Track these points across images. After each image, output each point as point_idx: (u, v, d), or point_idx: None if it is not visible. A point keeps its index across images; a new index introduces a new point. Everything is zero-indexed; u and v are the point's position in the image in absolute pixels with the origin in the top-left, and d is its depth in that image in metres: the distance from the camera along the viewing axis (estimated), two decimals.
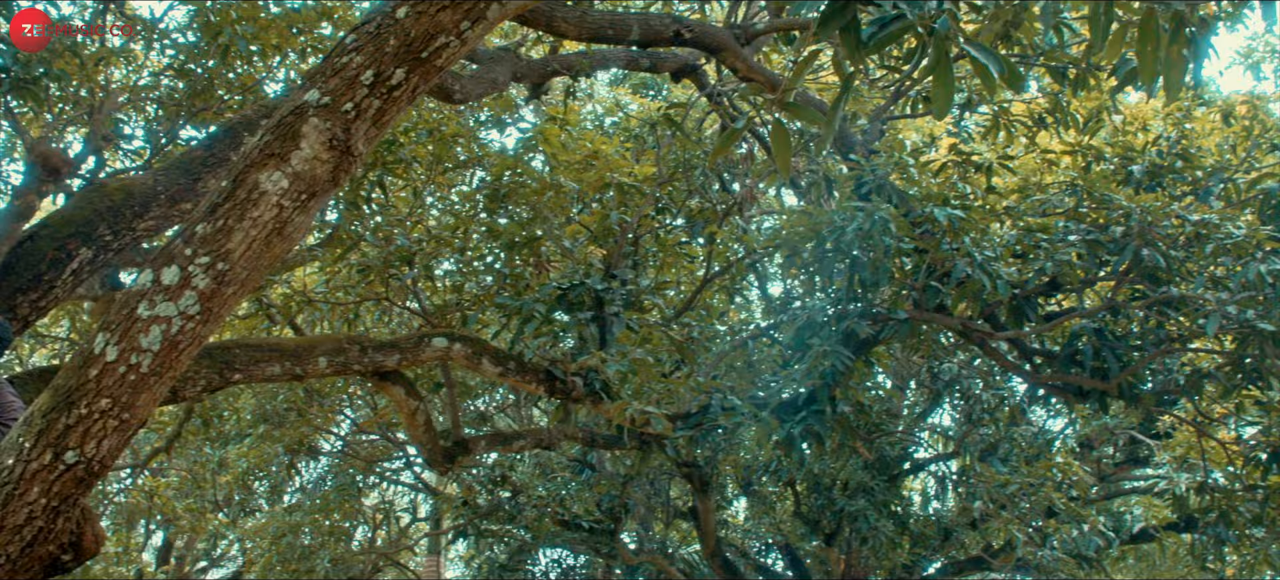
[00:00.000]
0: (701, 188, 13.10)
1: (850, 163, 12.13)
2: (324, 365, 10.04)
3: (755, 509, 20.81)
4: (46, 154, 9.28)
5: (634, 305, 11.29)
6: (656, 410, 10.41)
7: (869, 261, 10.59)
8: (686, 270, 14.22)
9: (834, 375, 10.89)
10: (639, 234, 12.31)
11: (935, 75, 5.30)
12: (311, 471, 22.36)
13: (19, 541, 5.73)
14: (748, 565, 20.96)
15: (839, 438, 12.53)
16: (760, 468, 17.84)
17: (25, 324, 8.80)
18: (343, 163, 5.51)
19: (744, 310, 18.80)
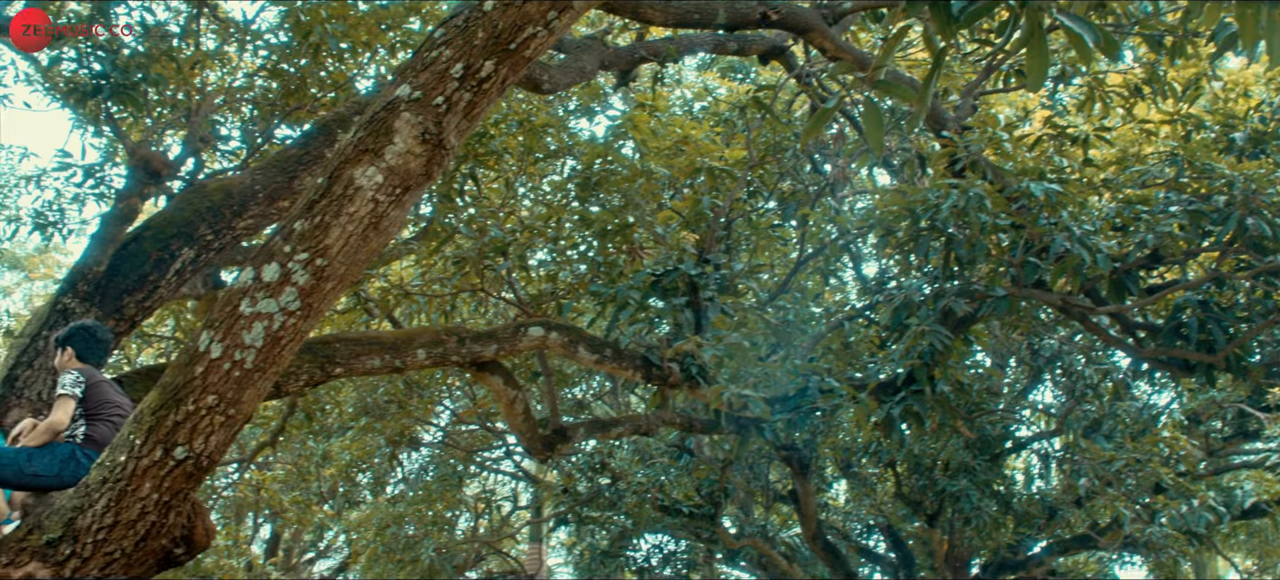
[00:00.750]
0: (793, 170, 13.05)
1: (943, 140, 11.98)
2: (423, 357, 10.15)
3: (855, 491, 20.68)
4: (147, 157, 9.46)
5: (728, 289, 11.27)
6: (754, 394, 10.39)
7: (965, 239, 10.47)
8: (780, 253, 14.19)
9: (932, 354, 10.78)
10: (731, 218, 12.29)
11: (1028, 47, 5.22)
12: (413, 462, 22.61)
13: (133, 536, 5.86)
14: (849, 548, 20.86)
15: (939, 417, 12.40)
16: (859, 449, 17.73)
17: (132, 324, 9.00)
18: (435, 156, 5.56)
19: (839, 291, 18.68)
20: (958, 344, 11.55)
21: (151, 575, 6.37)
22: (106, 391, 6.91)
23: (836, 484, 22.04)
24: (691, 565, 22.89)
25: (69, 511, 5.90)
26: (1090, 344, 15.91)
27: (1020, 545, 18.65)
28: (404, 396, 17.39)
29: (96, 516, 5.80)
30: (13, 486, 6.75)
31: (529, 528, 25.71)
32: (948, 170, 11.46)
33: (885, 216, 11.27)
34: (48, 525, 5.97)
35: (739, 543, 19.29)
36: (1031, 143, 12.64)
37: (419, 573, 18.33)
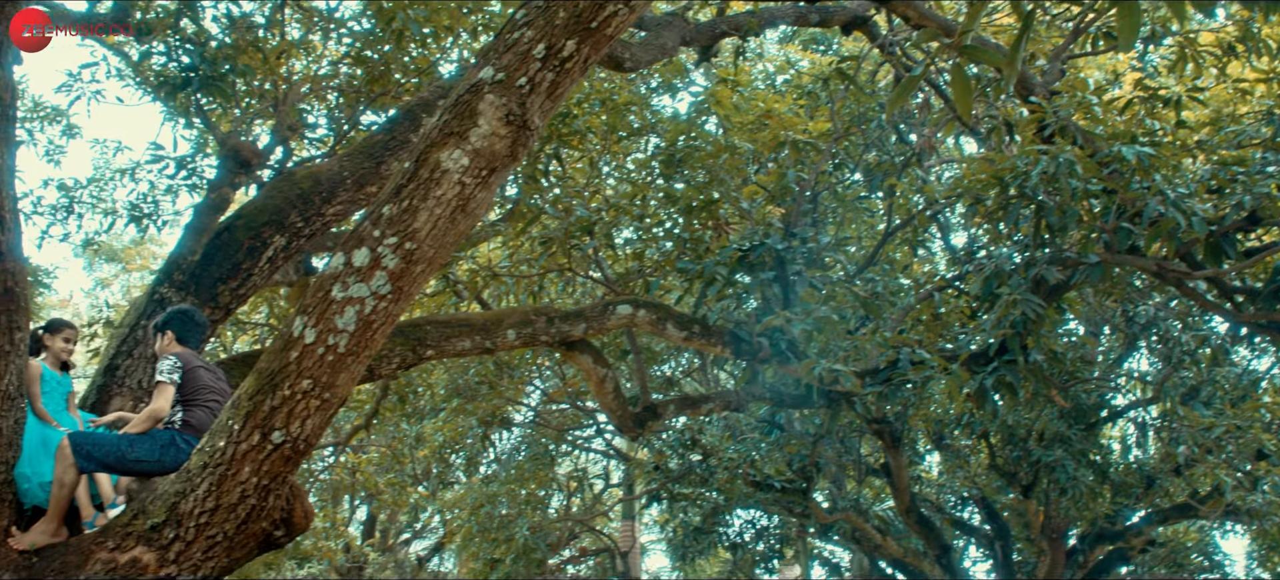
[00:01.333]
0: (878, 141, 12.95)
1: (1031, 105, 11.81)
2: (512, 337, 10.22)
3: (948, 463, 20.50)
4: (237, 147, 9.60)
5: (816, 263, 11.21)
6: (844, 367, 10.34)
7: (1056, 205, 10.31)
8: (867, 225, 14.08)
9: (1025, 323, 10.64)
10: (817, 191, 12.22)
11: (1119, 8, 5.13)
12: (505, 443, 22.80)
13: (234, 519, 5.97)
14: (943, 520, 20.70)
15: (1032, 387, 12.26)
16: (952, 421, 17.57)
17: (227, 311, 9.15)
18: (520, 137, 5.59)
19: (928, 262, 18.51)
20: (1050, 312, 11.39)
21: (252, 557, 6.49)
22: (202, 377, 7.03)
23: (929, 456, 21.87)
24: (784, 540, 22.85)
25: (172, 496, 6.03)
26: (1187, 309, 15.60)
27: (1118, 515, 18.39)
28: (495, 377, 17.52)
29: (198, 501, 5.91)
30: (116, 472, 6.90)
31: (621, 505, 25.80)
32: (1036, 136, 11.28)
33: (973, 185, 11.13)
34: (151, 510, 6.09)
35: (831, 517, 19.21)
36: (1122, 106, 12.41)
37: (513, 551, 18.48)
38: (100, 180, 15.52)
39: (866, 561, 22.01)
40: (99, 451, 6.62)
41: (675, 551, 23.95)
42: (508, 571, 18.65)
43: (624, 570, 24.16)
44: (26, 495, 6.89)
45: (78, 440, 6.63)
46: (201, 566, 6.15)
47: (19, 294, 6.56)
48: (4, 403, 6.59)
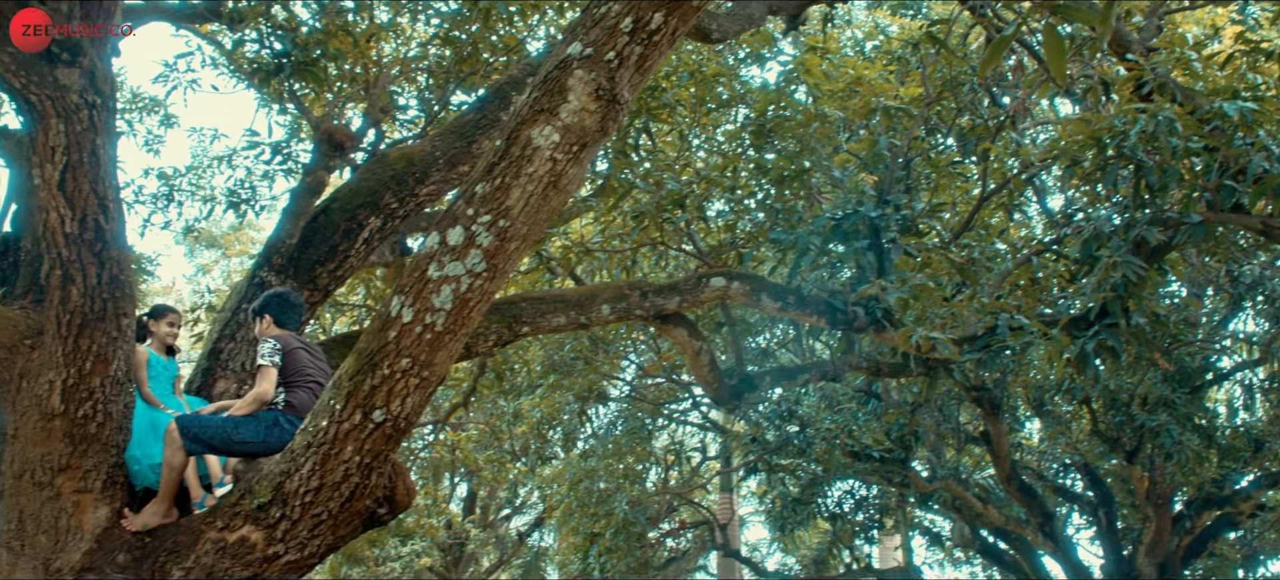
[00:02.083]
0: (971, 104, 12.77)
1: (1128, 63, 11.57)
2: (607, 312, 10.25)
3: (1049, 430, 20.23)
4: (331, 131, 9.70)
5: (910, 230, 11.11)
6: (942, 335, 10.24)
7: (1155, 164, 10.11)
8: (961, 190, 13.91)
9: (1125, 286, 10.45)
10: (910, 157, 12.10)
11: None
12: (602, 417, 22.88)
13: (338, 497, 6.06)
14: (1045, 487, 20.44)
15: (1135, 351, 12.06)
16: (1052, 387, 17.34)
17: (326, 294, 9.27)
18: (610, 111, 5.59)
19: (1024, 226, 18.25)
20: (1152, 274, 11.17)
21: (357, 535, 6.59)
22: (302, 358, 7.15)
23: (1029, 423, 21.59)
24: (884, 510, 22.73)
25: (277, 476, 6.13)
26: None
27: (1225, 479, 18.03)
28: (590, 353, 17.60)
29: (303, 480, 6.01)
30: (223, 453, 7.04)
31: (718, 478, 25.80)
32: (1134, 95, 11.07)
33: (1070, 146, 10.95)
34: (258, 489, 6.21)
35: (931, 486, 19.06)
36: (1223, 60, 12.13)
37: (613, 526, 18.57)
38: (198, 168, 15.80)
39: (967, 530, 21.81)
40: (206, 434, 6.76)
41: (774, 523, 23.90)
42: (607, 545, 18.75)
43: (723, 542, 24.18)
44: (137, 477, 7.06)
45: (185, 423, 6.77)
46: (308, 544, 6.26)
47: (124, 281, 6.71)
48: (113, 388, 6.75)
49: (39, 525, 6.64)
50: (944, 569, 27.50)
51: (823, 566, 26.70)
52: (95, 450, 6.71)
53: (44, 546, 6.62)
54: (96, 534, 6.67)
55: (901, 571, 24.92)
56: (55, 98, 6.23)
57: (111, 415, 6.77)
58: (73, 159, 6.30)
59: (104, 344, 6.61)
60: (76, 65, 6.25)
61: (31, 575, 6.55)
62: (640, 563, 19.86)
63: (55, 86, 6.22)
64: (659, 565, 22.87)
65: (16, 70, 6.18)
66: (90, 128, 6.34)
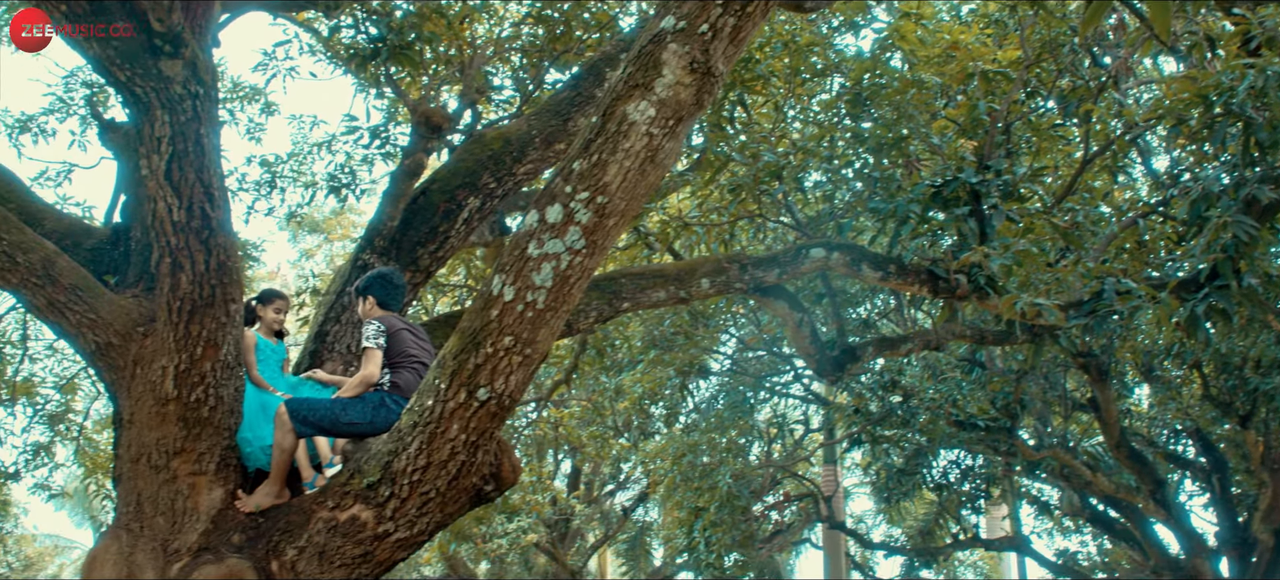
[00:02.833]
0: (1071, 65, 12.54)
1: (1234, 17, 11.29)
2: (706, 286, 10.24)
3: (1159, 395, 19.85)
4: (428, 113, 9.78)
5: (1012, 195, 10.94)
6: (1047, 301, 10.10)
7: (1265, 121, 9.85)
8: (1063, 153, 13.68)
9: (1237, 247, 10.21)
10: (1010, 121, 11.92)
11: None
12: (703, 392, 22.90)
13: (445, 475, 6.13)
14: (1156, 454, 20.09)
15: (1247, 312, 11.77)
16: (1161, 352, 17.03)
17: (427, 275, 9.37)
18: (705, 84, 5.58)
19: (1129, 188, 17.91)
20: (1264, 233, 10.91)
21: (464, 512, 6.67)
22: (406, 339, 7.23)
23: (1138, 389, 21.22)
24: (990, 480, 22.50)
25: (385, 455, 6.22)
26: None
27: None
28: (690, 327, 17.61)
29: (410, 459, 6.09)
30: (331, 434, 7.16)
31: (822, 450, 25.70)
32: (1241, 50, 10.79)
33: (1175, 105, 10.71)
34: (367, 469, 6.30)
35: (1039, 455, 18.82)
36: None
37: (717, 500, 18.58)
38: (299, 154, 16.03)
39: (1077, 499, 21.53)
40: (314, 416, 6.87)
41: (879, 494, 23.79)
42: (712, 519, 18.77)
43: (827, 515, 24.09)
44: (249, 459, 7.20)
45: (294, 406, 6.89)
46: (416, 522, 6.35)
47: (231, 267, 6.83)
48: (224, 372, 6.89)
49: (156, 507, 6.81)
50: (1053, 538, 27.17)
51: (929, 537, 26.56)
52: (208, 433, 6.86)
53: (162, 528, 6.78)
54: (212, 515, 6.82)
55: (1009, 541, 24.67)
56: (159, 89, 6.35)
57: (222, 399, 6.91)
58: (178, 149, 6.43)
59: (213, 329, 6.75)
60: (179, 56, 6.36)
61: (150, 556, 6.72)
62: (745, 536, 19.86)
63: (159, 78, 6.34)
64: (763, 538, 22.86)
65: (122, 64, 6.31)
66: (194, 117, 6.46)
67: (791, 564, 31.73)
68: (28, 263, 7.09)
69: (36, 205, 8.81)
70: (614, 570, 34.92)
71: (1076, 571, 24.49)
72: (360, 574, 6.51)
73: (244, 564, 6.49)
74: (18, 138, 14.10)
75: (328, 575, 6.44)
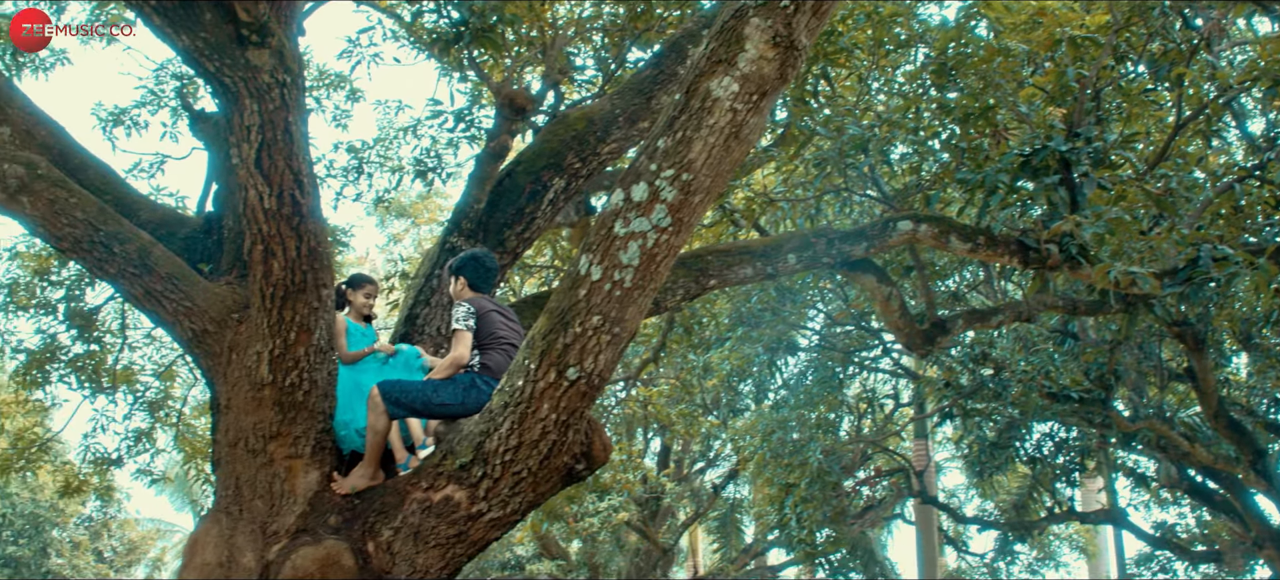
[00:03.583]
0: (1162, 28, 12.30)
1: None
2: (793, 261, 10.20)
3: (1258, 364, 19.46)
4: (511, 95, 9.82)
5: (1103, 163, 10.77)
6: (1141, 269, 9.94)
7: None
8: (1155, 118, 13.44)
9: None
10: (1099, 87, 11.72)
11: None
12: (791, 368, 22.82)
13: (537, 455, 6.17)
14: (1255, 424, 19.70)
15: None
16: (1260, 319, 16.68)
17: (514, 256, 9.43)
18: (788, 58, 5.55)
19: (1224, 152, 17.56)
20: None
21: (556, 491, 6.71)
22: (495, 320, 7.28)
23: (1236, 357, 20.82)
24: (1085, 452, 22.22)
25: (477, 436, 6.27)
26: None
27: None
28: (777, 303, 17.55)
29: (502, 439, 6.13)
30: (423, 416, 7.23)
31: (912, 424, 25.53)
32: None
33: (1271, 67, 10.49)
34: (459, 450, 6.35)
35: (1134, 426, 18.53)
36: None
37: (807, 476, 18.53)
38: (385, 140, 16.17)
39: (1174, 470, 21.18)
40: (406, 398, 6.95)
41: (971, 468, 23.59)
42: (802, 495, 18.72)
43: (919, 489, 23.94)
44: (344, 442, 7.30)
45: (386, 388, 6.97)
46: (509, 501, 6.39)
47: (322, 253, 6.92)
48: (317, 356, 6.99)
49: (254, 491, 6.92)
50: (1151, 511, 26.78)
51: (1023, 511, 26.30)
52: (303, 417, 6.97)
53: (260, 511, 6.90)
54: (308, 497, 6.92)
55: (1106, 514, 24.37)
56: (247, 79, 6.44)
57: (316, 383, 7.01)
58: (267, 137, 6.51)
59: (306, 314, 6.85)
60: (265, 46, 6.44)
61: (250, 538, 6.83)
62: (836, 512, 19.80)
63: (247, 68, 6.42)
64: (855, 514, 22.78)
65: (210, 55, 6.40)
66: (282, 106, 6.54)
67: (884, 539, 31.56)
68: (125, 253, 7.25)
69: (132, 197, 8.99)
70: (705, 547, 34.97)
71: (1175, 544, 24.15)
72: (455, 554, 6.57)
73: (341, 545, 6.58)
74: (111, 131, 14.37)
75: (423, 555, 6.51)
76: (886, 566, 28.03)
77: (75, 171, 8.25)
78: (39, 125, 8.71)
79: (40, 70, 12.82)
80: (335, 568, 6.49)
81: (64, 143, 8.75)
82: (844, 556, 24.72)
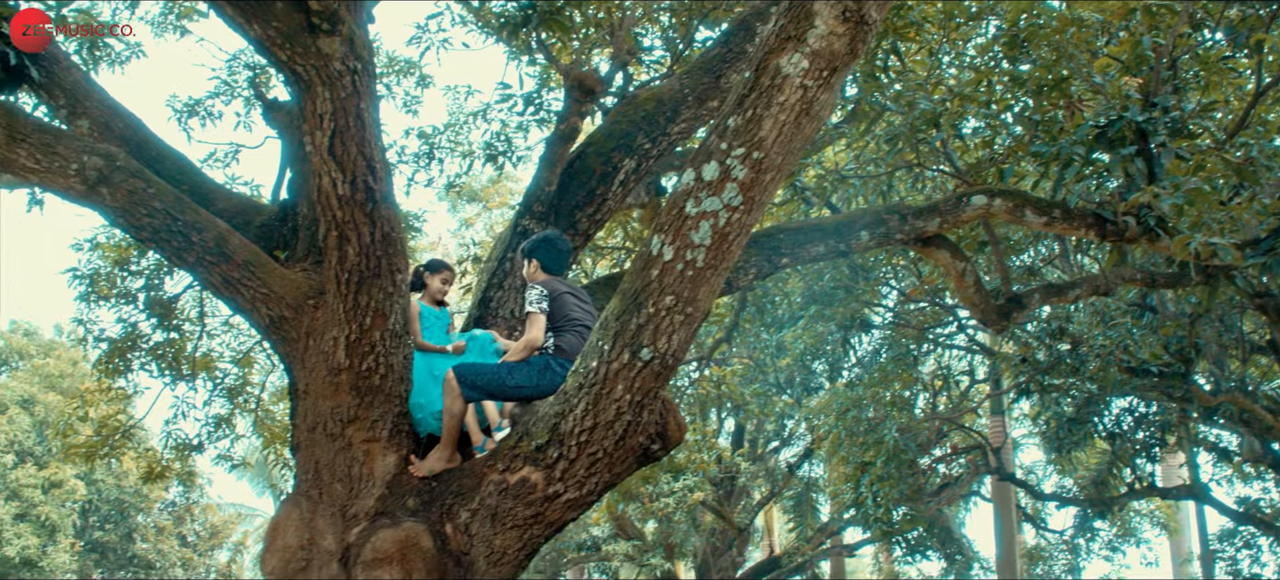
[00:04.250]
0: None
1: None
2: (866, 238, 10.14)
3: None
4: (580, 77, 9.82)
5: (1181, 132, 10.60)
6: (1222, 240, 9.78)
7: None
8: (1234, 86, 13.21)
9: None
10: (1176, 56, 11.54)
11: None
12: (865, 345, 22.69)
13: (612, 435, 6.19)
14: None
15: None
16: None
17: (586, 238, 9.44)
18: (858, 33, 5.51)
19: None
20: None
21: (632, 471, 6.73)
22: (569, 303, 7.30)
23: None
24: (1165, 427, 21.92)
25: (552, 417, 6.30)
26: None
27: None
28: (850, 281, 17.46)
29: (577, 420, 6.16)
30: (499, 398, 7.28)
31: (989, 401, 25.31)
32: None
33: None
34: (535, 432, 6.39)
35: (1215, 400, 18.25)
36: None
37: (883, 454, 18.43)
38: (455, 125, 16.24)
39: (1258, 445, 20.83)
40: (481, 380, 6.99)
41: (1049, 445, 23.35)
42: (878, 474, 18.63)
43: (997, 466, 23.73)
44: (421, 425, 7.37)
45: (462, 371, 7.02)
46: (585, 482, 6.42)
47: (395, 238, 6.99)
48: (392, 340, 7.06)
49: (334, 474, 7.01)
50: (1234, 486, 26.38)
51: (1103, 487, 25.99)
52: (380, 401, 7.04)
53: (340, 494, 6.98)
54: (386, 480, 7.00)
55: (1187, 490, 24.04)
56: (319, 67, 6.50)
57: (393, 367, 7.08)
58: (340, 124, 6.57)
59: (381, 299, 6.92)
60: (336, 34, 6.50)
61: (330, 521, 6.92)
62: (912, 490, 19.69)
63: (318, 56, 6.48)
64: (931, 492, 22.63)
65: (282, 44, 6.47)
66: (353, 93, 6.59)
67: (961, 517, 31.34)
68: (203, 242, 7.35)
69: (208, 186, 9.12)
70: (780, 527, 34.91)
71: (1259, 519, 23.77)
72: (532, 535, 6.62)
73: (419, 528, 6.64)
74: (186, 122, 14.55)
75: (500, 537, 6.56)
76: (964, 544, 27.82)
77: (152, 163, 8.37)
78: (116, 118, 8.85)
79: (116, 64, 12.98)
80: (414, 549, 6.55)
81: (141, 135, 8.89)
82: (921, 535, 24.56)
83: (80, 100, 8.74)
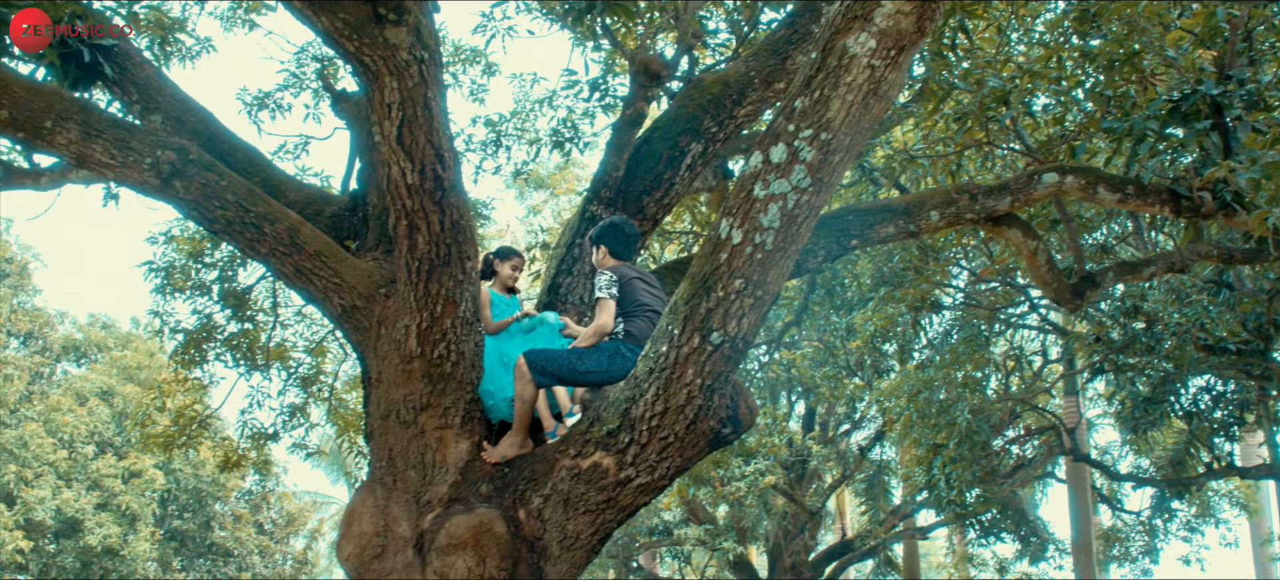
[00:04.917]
0: None
1: None
2: (936, 219, 10.06)
3: None
4: (646, 62, 9.81)
5: (1258, 105, 10.41)
6: None
7: None
8: None
9: None
10: (1251, 27, 11.34)
11: None
12: (936, 327, 22.54)
13: (683, 420, 6.19)
14: None
15: None
16: None
17: (654, 223, 9.44)
18: (926, 11, 5.46)
19: None
20: None
21: (703, 456, 6.73)
22: (638, 288, 7.32)
23: None
24: (1244, 405, 21.58)
25: (623, 402, 6.31)
26: None
27: None
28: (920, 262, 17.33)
29: (648, 405, 6.17)
30: (569, 384, 7.31)
31: (1062, 381, 25.04)
32: None
33: None
34: (606, 417, 6.41)
35: None
36: None
37: (955, 436, 18.30)
38: (522, 112, 16.31)
39: None
40: (552, 366, 7.03)
41: (1125, 425, 23.06)
42: (951, 456, 18.50)
43: (1071, 447, 23.49)
44: (492, 411, 7.41)
45: (533, 357, 7.06)
46: (657, 467, 6.43)
47: (464, 226, 7.02)
48: (463, 328, 7.10)
49: (407, 462, 7.08)
50: None
51: (1180, 467, 25.66)
52: (452, 388, 7.09)
53: (413, 481, 7.05)
54: (459, 467, 7.05)
55: (1267, 469, 23.67)
56: (386, 57, 6.53)
57: (464, 354, 7.13)
58: (408, 114, 6.61)
59: (452, 287, 6.96)
60: (402, 23, 6.53)
61: (404, 508, 6.99)
62: (986, 471, 19.54)
63: (385, 46, 6.52)
64: (1005, 473, 22.45)
65: (349, 35, 6.51)
66: (421, 82, 6.63)
67: (1035, 499, 31.07)
68: (275, 233, 7.43)
69: (279, 178, 9.21)
70: (853, 510, 34.80)
71: None
72: (604, 520, 6.64)
73: (493, 513, 6.69)
74: (256, 114, 14.72)
75: (573, 522, 6.59)
76: (1038, 526, 27.59)
77: (224, 155, 8.47)
78: (188, 112, 8.97)
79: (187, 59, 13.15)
80: (488, 535, 6.60)
81: (212, 128, 9.00)
82: (994, 516, 24.40)
83: (153, 96, 8.86)
